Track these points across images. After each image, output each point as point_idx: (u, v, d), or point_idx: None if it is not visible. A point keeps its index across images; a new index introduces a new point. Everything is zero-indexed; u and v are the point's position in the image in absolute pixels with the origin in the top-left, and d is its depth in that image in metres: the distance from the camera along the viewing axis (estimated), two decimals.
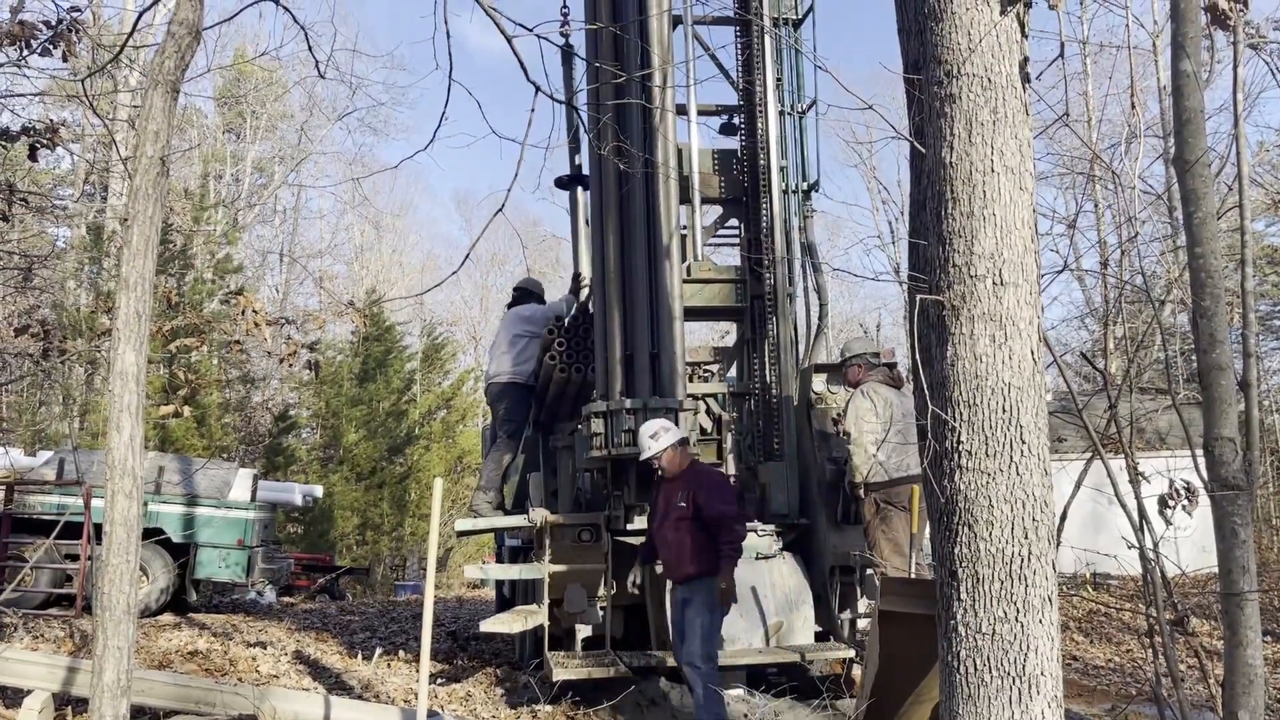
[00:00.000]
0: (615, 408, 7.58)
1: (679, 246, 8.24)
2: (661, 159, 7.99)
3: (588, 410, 7.79)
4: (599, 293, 8.17)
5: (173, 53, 3.06)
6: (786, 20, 9.96)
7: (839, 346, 9.77)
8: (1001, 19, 3.36)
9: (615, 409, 7.58)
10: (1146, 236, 19.04)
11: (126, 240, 2.88)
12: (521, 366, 9.34)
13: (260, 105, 28.27)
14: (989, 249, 3.30)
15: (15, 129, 9.13)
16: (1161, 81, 18.50)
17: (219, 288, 21.61)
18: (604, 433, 7.59)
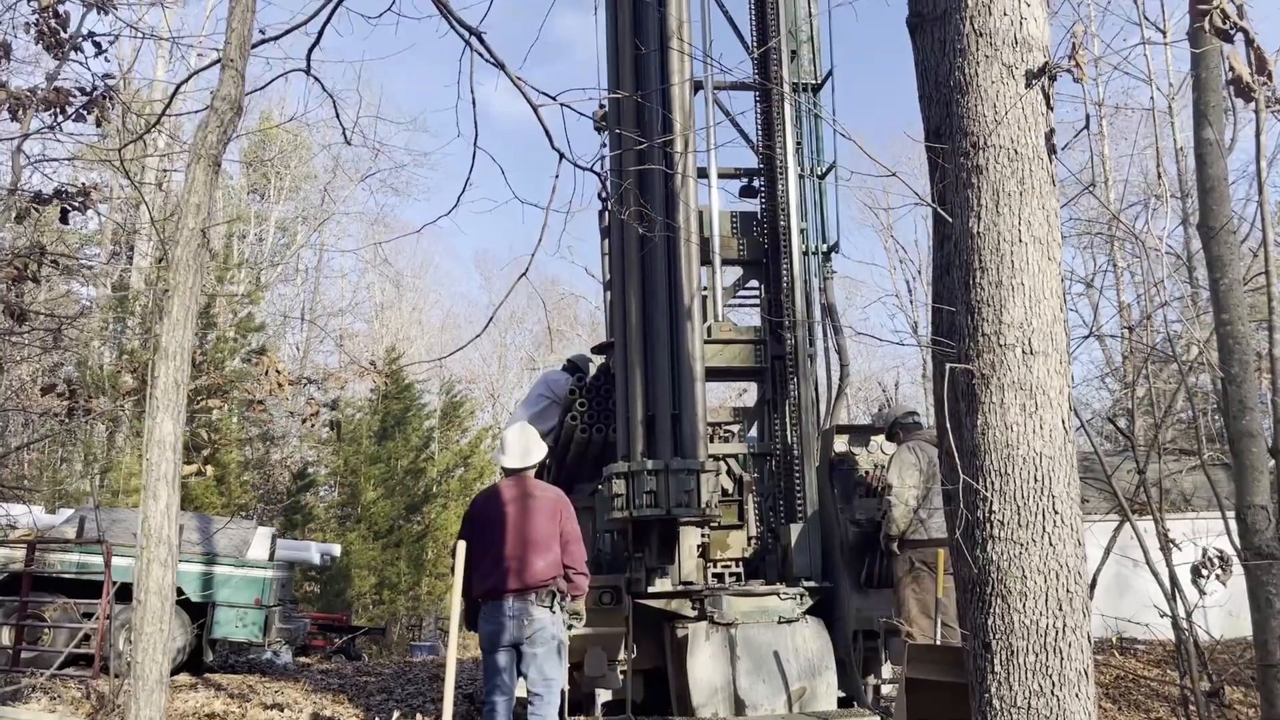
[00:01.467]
0: (637, 469, 7.58)
1: (700, 308, 8.30)
2: (682, 222, 8.08)
3: (609, 471, 7.79)
4: (620, 354, 8.21)
5: (215, 127, 3.14)
6: (806, 85, 10.09)
7: (864, 408, 9.75)
8: (1027, 91, 3.41)
9: (637, 470, 7.58)
10: (1167, 296, 19.01)
11: (166, 310, 2.93)
12: (538, 426, 9.38)
13: (285, 167, 28.72)
14: (1018, 318, 3.31)
15: (48, 192, 9.33)
16: (1178, 143, 18.62)
17: (241, 346, 21.78)
18: (625, 494, 7.58)
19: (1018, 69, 3.43)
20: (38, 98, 8.94)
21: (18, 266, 9.24)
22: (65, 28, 8.74)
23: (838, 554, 8.35)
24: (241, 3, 3.34)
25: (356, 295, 37.01)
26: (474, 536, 6.03)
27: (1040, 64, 3.45)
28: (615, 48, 8.64)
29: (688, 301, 8.06)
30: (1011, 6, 3.45)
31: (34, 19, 8.73)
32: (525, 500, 6.08)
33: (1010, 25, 3.45)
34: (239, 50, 3.24)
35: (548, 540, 5.96)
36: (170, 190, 16.38)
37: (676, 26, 8.36)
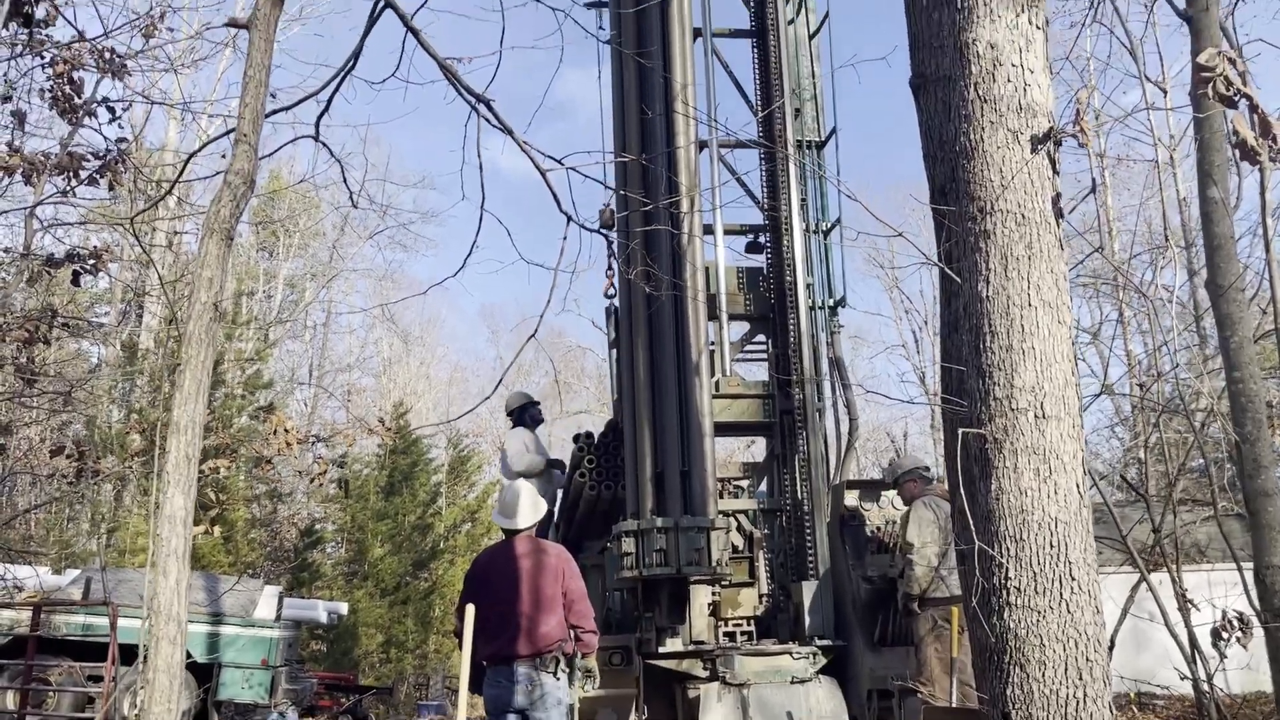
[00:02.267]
0: (647, 527, 7.54)
1: (707, 364, 8.31)
2: (690, 279, 8.12)
3: (618, 529, 7.74)
4: (629, 411, 8.20)
5: (228, 201, 3.17)
6: (810, 143, 10.18)
7: (873, 459, 9.72)
8: (1033, 157, 3.43)
9: (647, 528, 7.53)
10: (1175, 346, 18.97)
11: (178, 385, 2.94)
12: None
13: (294, 225, 28.98)
14: (1030, 382, 3.30)
15: (60, 255, 9.41)
16: (1181, 193, 18.71)
17: (249, 403, 21.80)
18: (635, 552, 7.52)
19: (1023, 134, 3.46)
20: (51, 162, 9.05)
21: (29, 329, 9.29)
22: (80, 94, 8.88)
23: (850, 611, 8.26)
24: (255, 79, 3.39)
25: (364, 351, 37.13)
26: (477, 599, 5.97)
27: (1045, 129, 3.48)
28: (622, 110, 8.74)
29: (695, 358, 8.07)
30: (1015, 73, 3.49)
31: (49, 85, 8.88)
32: (527, 560, 6.03)
33: (1014, 91, 3.49)
34: (252, 125, 3.29)
35: (552, 601, 5.90)
36: (181, 250, 16.53)
37: (681, 88, 8.47)
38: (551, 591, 5.90)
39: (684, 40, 8.68)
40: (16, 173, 9.11)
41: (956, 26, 3.60)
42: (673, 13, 8.68)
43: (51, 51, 8.53)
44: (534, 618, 5.80)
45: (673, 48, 8.60)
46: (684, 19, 8.74)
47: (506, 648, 5.76)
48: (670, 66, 8.48)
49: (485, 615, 5.90)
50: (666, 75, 8.41)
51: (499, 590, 5.93)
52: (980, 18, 3.53)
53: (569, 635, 5.88)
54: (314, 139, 5.65)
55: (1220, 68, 3.02)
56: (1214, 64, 3.03)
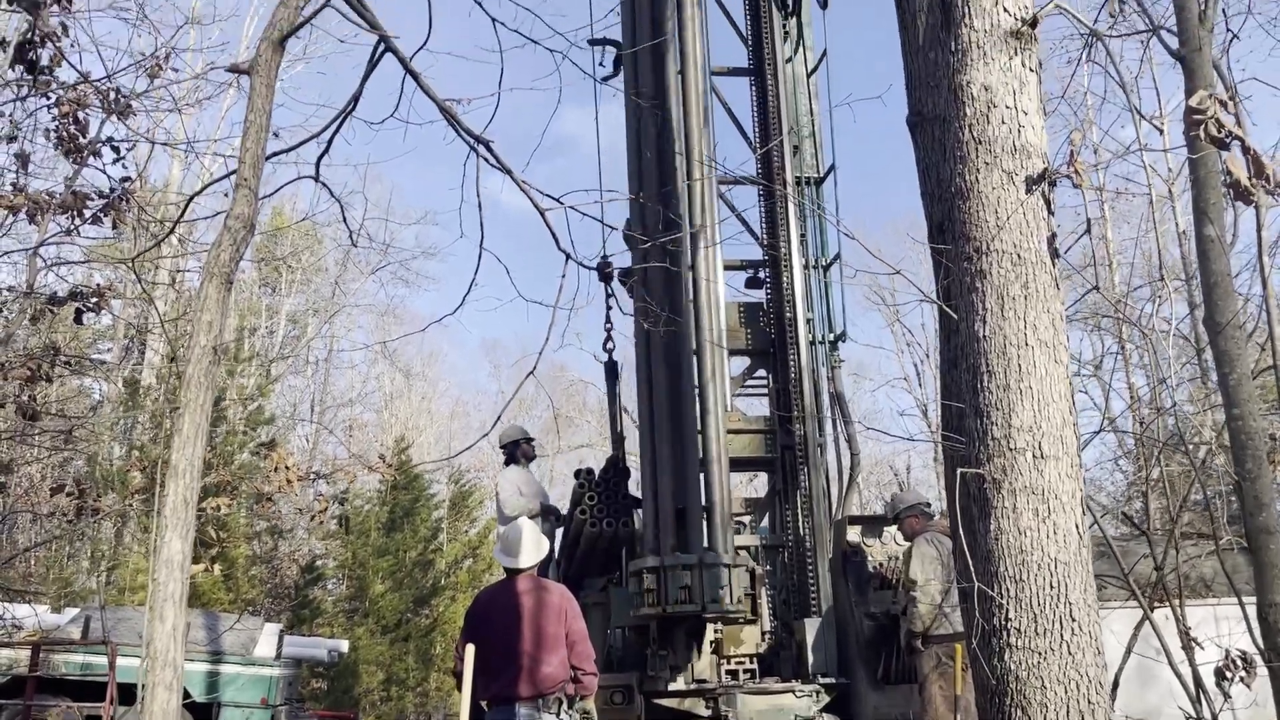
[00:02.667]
0: (671, 563, 7.50)
1: (721, 399, 8.31)
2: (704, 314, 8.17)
3: (638, 565, 7.69)
4: (646, 445, 8.17)
5: (228, 245, 3.20)
6: (809, 179, 10.24)
7: (876, 493, 9.71)
8: (1028, 197, 3.45)
9: (671, 564, 7.49)
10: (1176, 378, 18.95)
11: (177, 428, 2.95)
12: None
13: (296, 261, 29.09)
14: (1027, 422, 3.31)
15: (62, 293, 9.44)
16: (1180, 226, 18.77)
17: (250, 439, 21.77)
18: (657, 588, 7.48)
19: (1017, 175, 3.48)
20: (55, 202, 9.11)
21: (31, 367, 9.31)
22: (84, 134, 8.95)
23: (853, 649, 8.20)
24: (255, 124, 3.43)
25: (366, 386, 37.12)
26: (478, 638, 5.93)
27: (1040, 170, 3.50)
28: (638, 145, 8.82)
29: (712, 392, 8.11)
30: (1009, 115, 3.52)
31: (54, 125, 8.95)
32: (530, 600, 6.00)
33: (1009, 133, 3.51)
34: (252, 169, 3.32)
35: (554, 641, 5.87)
36: (183, 288, 16.59)
37: (697, 126, 8.54)
38: (554, 631, 5.87)
39: (697, 74, 8.77)
40: (21, 212, 9.17)
41: (951, 69, 3.64)
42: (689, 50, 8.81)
43: (57, 93, 8.61)
44: (536, 658, 5.76)
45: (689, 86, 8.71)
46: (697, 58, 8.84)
47: (509, 688, 5.72)
48: (687, 104, 8.57)
49: (487, 655, 5.86)
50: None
51: (501, 630, 5.90)
52: (974, 61, 3.57)
53: (570, 676, 5.85)
54: (314, 179, 5.70)
55: (1211, 110, 3.05)
56: (1205, 107, 3.06)
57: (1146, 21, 5.29)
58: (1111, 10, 4.86)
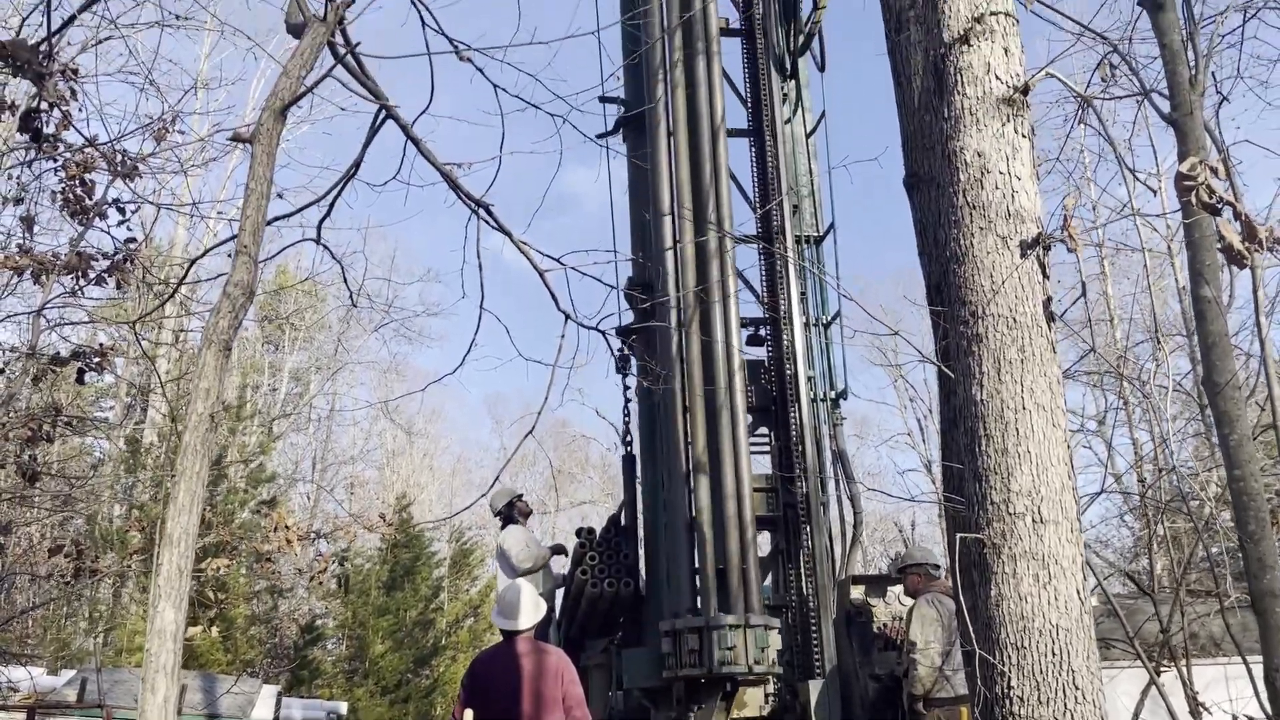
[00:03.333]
0: (717, 623, 7.47)
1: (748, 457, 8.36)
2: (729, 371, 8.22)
3: (676, 625, 7.62)
4: (679, 507, 8.15)
5: (227, 313, 3.21)
6: (809, 238, 10.30)
7: (880, 549, 9.66)
8: (1022, 261, 3.48)
9: (717, 625, 7.47)
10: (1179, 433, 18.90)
11: (172, 496, 2.94)
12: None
13: (299, 318, 29.22)
14: (1026, 486, 3.29)
15: (65, 353, 9.47)
16: (1180, 281, 18.83)
17: (251, 497, 21.70)
18: (700, 649, 7.45)
19: (1012, 240, 3.51)
20: (60, 263, 9.17)
21: (32, 428, 9.31)
22: (90, 195, 9.04)
23: (858, 711, 8.08)
24: (256, 192, 3.47)
25: (368, 443, 37.07)
26: (477, 701, 5.88)
27: (1034, 235, 3.53)
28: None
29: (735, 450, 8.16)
30: (1002, 180, 3.55)
31: (60, 188, 9.04)
32: (529, 662, 5.96)
33: (1002, 198, 3.55)
34: (253, 236, 3.34)
35: (553, 704, 5.83)
36: (186, 347, 16.64)
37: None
38: (553, 694, 5.83)
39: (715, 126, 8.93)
40: (25, 273, 9.24)
41: (944, 135, 3.68)
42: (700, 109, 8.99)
43: (64, 155, 8.71)
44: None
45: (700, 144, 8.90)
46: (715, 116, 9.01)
47: None
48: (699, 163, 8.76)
49: (486, 718, 5.81)
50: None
51: (500, 692, 5.85)
52: (967, 127, 3.62)
53: None
54: (316, 242, 5.74)
55: (1202, 177, 3.08)
56: (1196, 173, 3.09)
57: (1138, 85, 5.35)
58: (1103, 75, 4.92)
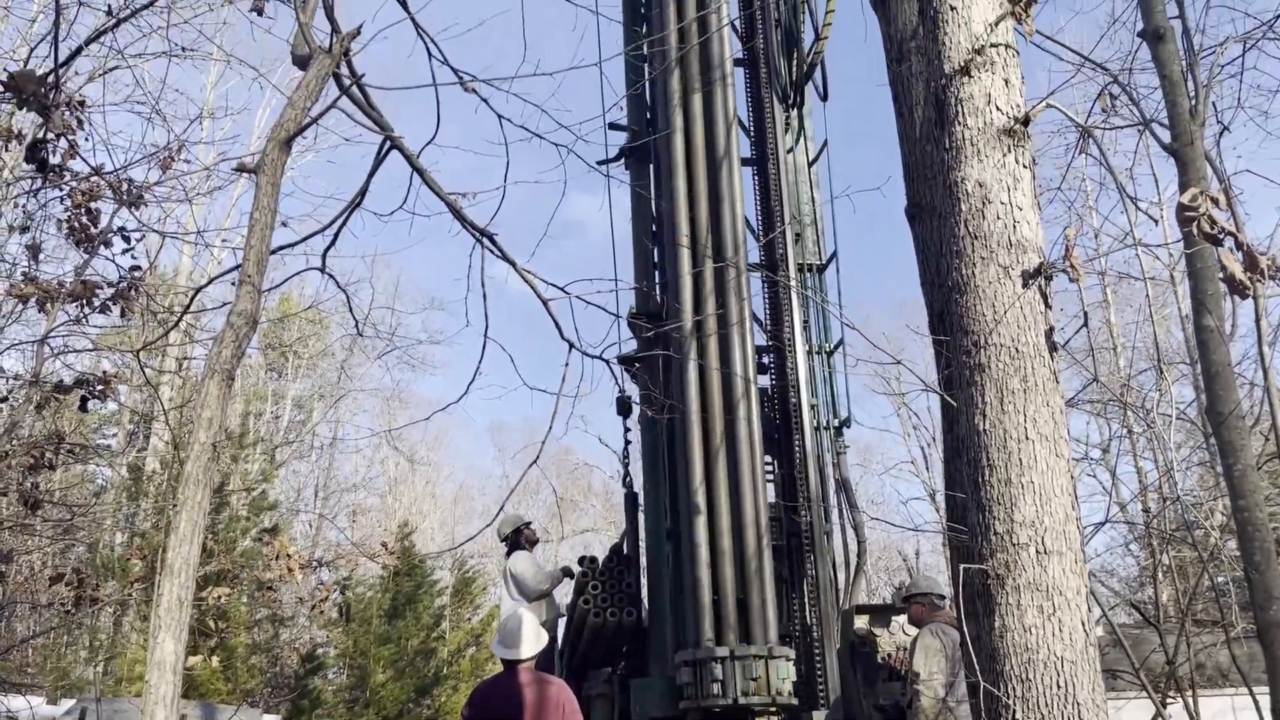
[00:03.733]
0: (742, 653, 7.44)
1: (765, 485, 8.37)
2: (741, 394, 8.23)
3: (697, 655, 7.58)
4: (697, 537, 8.12)
5: (230, 342, 3.22)
6: (811, 266, 10.32)
7: (885, 578, 9.61)
8: (1024, 291, 3.48)
9: (742, 655, 7.43)
10: (1184, 461, 18.85)
11: (174, 526, 2.94)
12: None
13: (303, 346, 29.27)
14: (1029, 516, 3.28)
15: (68, 381, 9.48)
16: (1183, 310, 18.83)
17: (253, 525, 21.65)
18: (723, 679, 7.40)
19: (1014, 270, 3.51)
20: (65, 291, 9.20)
21: (34, 455, 9.31)
22: (96, 224, 9.08)
23: None
24: (261, 223, 3.48)
25: (370, 470, 37.02)
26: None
27: (1035, 265, 3.53)
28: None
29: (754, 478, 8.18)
30: (1004, 211, 3.57)
31: (66, 216, 9.09)
32: (530, 692, 5.93)
33: (1004, 228, 3.56)
34: (257, 266, 3.36)
35: None
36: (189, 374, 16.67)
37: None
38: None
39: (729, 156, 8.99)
40: (30, 300, 9.26)
41: (945, 165, 3.70)
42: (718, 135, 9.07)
43: (70, 184, 8.75)
44: None
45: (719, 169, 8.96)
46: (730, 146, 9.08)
47: None
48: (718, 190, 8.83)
49: None
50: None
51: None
52: (968, 158, 3.63)
53: None
54: (321, 270, 5.77)
55: (1204, 208, 3.09)
56: (1197, 204, 3.10)
57: (1138, 115, 5.38)
58: (1104, 105, 4.94)
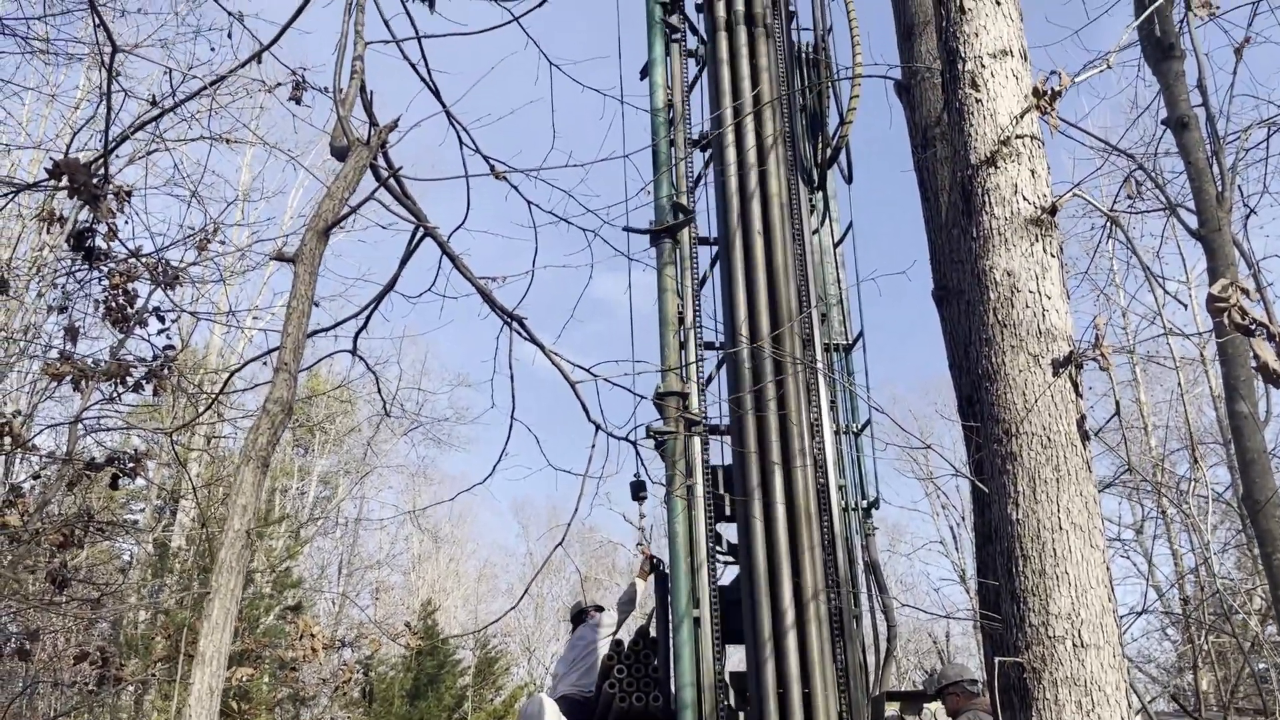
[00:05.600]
0: None
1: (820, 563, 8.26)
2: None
3: None
4: (755, 617, 8.03)
5: (266, 429, 3.26)
6: (838, 346, 10.32)
7: (914, 660, 9.43)
8: (1055, 380, 3.48)
9: None
10: (1221, 543, 18.49)
11: (206, 614, 2.95)
12: (582, 680, 9.20)
13: (330, 423, 29.43)
14: (1065, 609, 3.23)
15: (100, 458, 9.58)
16: (1215, 389, 18.65)
17: (277, 602, 21.56)
18: None
19: (1044, 358, 3.52)
20: (100, 370, 9.34)
21: (65, 533, 9.37)
22: (132, 304, 9.26)
23: None
24: (298, 310, 3.55)
25: (394, 547, 36.91)
26: None
27: (1065, 353, 3.54)
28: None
29: (813, 559, 8.09)
30: (1033, 299, 3.58)
31: (103, 296, 9.27)
32: None
33: (1033, 316, 3.57)
34: (293, 354, 3.42)
35: None
36: (218, 452, 16.79)
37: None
38: None
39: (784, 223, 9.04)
40: (65, 379, 9.41)
41: (973, 254, 3.73)
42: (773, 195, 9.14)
43: (108, 265, 8.95)
44: None
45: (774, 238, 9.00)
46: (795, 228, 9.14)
47: None
48: (773, 264, 8.87)
49: None
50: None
51: None
52: (995, 247, 3.66)
53: None
54: (352, 353, 5.84)
55: (1234, 298, 3.09)
56: (1228, 294, 3.11)
57: (1164, 200, 5.42)
58: (1129, 192, 4.99)
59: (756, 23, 9.47)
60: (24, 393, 14.86)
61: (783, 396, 8.45)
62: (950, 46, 4.14)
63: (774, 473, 8.26)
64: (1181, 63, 6.70)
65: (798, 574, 8.02)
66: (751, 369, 8.70)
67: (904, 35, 8.85)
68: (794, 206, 10.30)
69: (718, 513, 8.54)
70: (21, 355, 14.42)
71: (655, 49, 9.78)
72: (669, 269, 9.56)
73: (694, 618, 8.49)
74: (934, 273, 5.83)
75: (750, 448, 8.34)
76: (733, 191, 9.24)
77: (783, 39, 9.65)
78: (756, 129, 9.36)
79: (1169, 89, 6.49)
